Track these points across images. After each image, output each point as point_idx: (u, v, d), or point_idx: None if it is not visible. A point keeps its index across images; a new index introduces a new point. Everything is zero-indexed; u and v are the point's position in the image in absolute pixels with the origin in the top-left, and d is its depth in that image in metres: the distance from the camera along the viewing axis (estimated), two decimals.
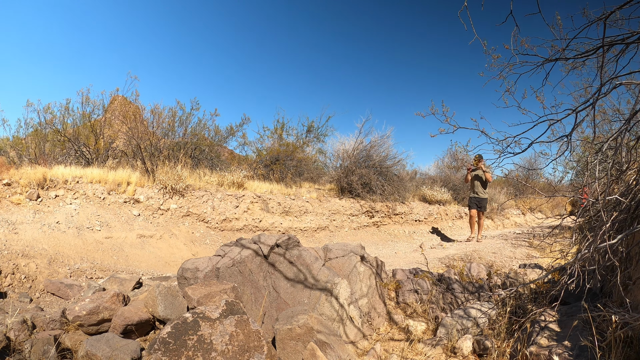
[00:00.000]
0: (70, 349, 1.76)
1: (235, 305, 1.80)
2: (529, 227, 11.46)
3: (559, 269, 2.71)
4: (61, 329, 1.91)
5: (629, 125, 2.06)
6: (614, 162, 2.26)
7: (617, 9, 2.05)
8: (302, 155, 10.58)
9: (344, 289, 2.70)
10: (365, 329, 2.74)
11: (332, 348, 1.94)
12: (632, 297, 2.02)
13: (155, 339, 1.55)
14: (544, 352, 2.07)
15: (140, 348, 1.65)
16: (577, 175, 8.55)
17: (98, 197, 5.87)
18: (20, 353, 1.61)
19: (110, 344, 1.62)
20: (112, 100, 9.33)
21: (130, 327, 1.89)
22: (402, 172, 10.83)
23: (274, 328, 2.03)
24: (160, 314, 2.00)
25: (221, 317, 1.69)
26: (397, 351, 2.50)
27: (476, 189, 7.85)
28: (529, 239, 8.19)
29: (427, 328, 2.88)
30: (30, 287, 3.62)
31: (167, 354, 1.49)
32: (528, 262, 5.79)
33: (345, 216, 8.65)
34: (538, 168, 11.93)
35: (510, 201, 12.78)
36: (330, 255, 2.98)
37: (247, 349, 1.59)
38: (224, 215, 6.86)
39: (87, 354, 1.57)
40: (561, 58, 2.39)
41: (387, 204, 9.39)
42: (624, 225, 2.18)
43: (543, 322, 2.37)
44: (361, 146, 9.63)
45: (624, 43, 2.12)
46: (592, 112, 2.30)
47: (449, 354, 2.43)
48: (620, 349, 1.82)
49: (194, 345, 1.55)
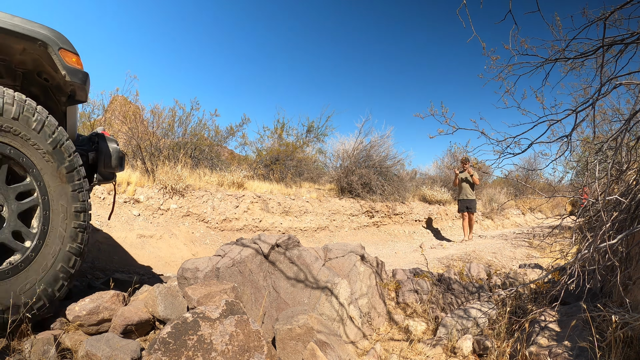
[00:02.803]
0: (70, 349, 1.76)
1: (235, 305, 1.80)
2: (529, 227, 11.47)
3: (559, 269, 2.71)
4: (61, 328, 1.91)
5: (629, 125, 2.06)
6: (614, 162, 2.26)
7: (617, 9, 2.05)
8: (302, 155, 10.59)
9: (344, 288, 2.70)
10: (366, 328, 2.74)
11: (332, 348, 1.94)
12: (632, 297, 2.02)
13: (155, 339, 1.55)
14: (543, 352, 2.07)
15: (140, 348, 1.65)
16: (577, 175, 8.57)
17: (98, 197, 5.87)
18: (20, 353, 1.62)
19: (110, 344, 1.62)
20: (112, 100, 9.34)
21: (130, 327, 1.89)
22: (402, 172, 10.83)
23: (274, 328, 2.04)
24: (161, 314, 2.00)
25: (221, 317, 1.69)
26: (397, 351, 2.50)
27: (464, 191, 8.09)
28: (529, 239, 8.19)
29: (427, 328, 2.89)
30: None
31: (167, 354, 1.50)
32: (528, 262, 5.79)
33: (345, 216, 8.65)
34: (538, 168, 11.94)
35: (510, 201, 12.79)
36: (330, 255, 2.98)
37: (247, 349, 1.60)
38: (224, 215, 6.86)
39: (87, 354, 1.57)
40: (561, 58, 2.39)
41: (387, 204, 9.39)
42: (624, 225, 2.18)
43: (543, 322, 2.37)
44: (361, 146, 9.63)
45: (624, 43, 2.12)
46: (592, 112, 2.30)
47: (449, 354, 2.43)
48: (620, 349, 1.82)
49: (194, 345, 1.55)
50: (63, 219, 1.97)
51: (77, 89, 2.22)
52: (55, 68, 2.11)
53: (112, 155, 2.48)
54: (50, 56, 2.05)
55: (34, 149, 1.88)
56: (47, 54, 2.05)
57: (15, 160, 1.81)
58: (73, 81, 2.12)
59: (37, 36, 1.96)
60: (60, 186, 1.97)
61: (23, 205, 1.85)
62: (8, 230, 1.78)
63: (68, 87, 2.27)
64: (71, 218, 2.00)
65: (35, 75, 2.33)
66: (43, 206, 1.89)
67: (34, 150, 1.87)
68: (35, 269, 1.82)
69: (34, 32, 1.95)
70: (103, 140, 2.47)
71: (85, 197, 2.08)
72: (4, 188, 1.80)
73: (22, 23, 1.93)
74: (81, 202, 2.06)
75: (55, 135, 1.96)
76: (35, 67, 2.26)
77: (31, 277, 1.79)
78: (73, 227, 2.00)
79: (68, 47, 2.10)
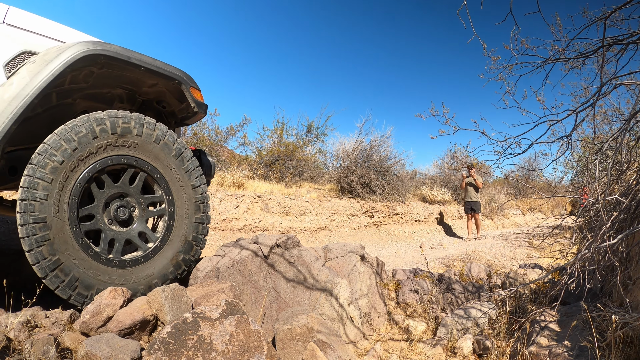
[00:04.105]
0: (70, 348, 1.76)
1: (235, 305, 1.80)
2: (529, 227, 11.47)
3: (559, 269, 2.71)
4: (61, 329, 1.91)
5: (629, 125, 2.06)
6: (614, 162, 2.26)
7: (617, 9, 2.05)
8: (302, 155, 10.58)
9: (344, 288, 2.70)
10: (366, 328, 2.74)
11: (332, 348, 1.94)
12: (632, 297, 2.02)
13: (155, 339, 1.55)
14: (544, 352, 2.07)
15: (140, 348, 1.65)
16: (577, 175, 8.61)
17: None
18: (20, 353, 1.62)
19: (110, 344, 1.62)
20: None
21: (131, 326, 1.89)
22: (402, 172, 10.82)
23: (274, 328, 2.03)
24: (167, 315, 1.99)
25: (221, 317, 1.69)
26: (397, 351, 2.50)
27: (470, 194, 8.86)
28: (529, 239, 8.20)
29: (427, 328, 2.89)
30: (31, 286, 3.62)
31: (167, 354, 1.50)
32: (528, 262, 5.79)
33: (345, 216, 8.65)
34: (538, 168, 11.94)
35: (510, 201, 12.79)
36: (330, 255, 2.98)
37: (247, 349, 1.60)
38: (224, 215, 6.86)
39: (87, 354, 1.57)
40: (561, 58, 2.39)
41: (387, 204, 9.39)
42: (624, 225, 2.18)
43: (543, 322, 2.37)
44: (361, 146, 9.62)
45: (624, 43, 2.12)
46: (592, 112, 2.30)
47: (449, 354, 2.43)
48: (620, 349, 1.82)
49: (194, 345, 1.55)
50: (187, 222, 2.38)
51: (199, 116, 2.72)
52: (181, 99, 2.60)
53: (212, 167, 2.89)
54: (181, 90, 2.51)
55: (166, 167, 2.29)
56: (178, 89, 2.50)
57: (150, 175, 2.24)
58: (199, 111, 2.62)
59: (174, 76, 2.41)
60: (186, 196, 2.37)
61: (152, 213, 2.29)
62: (135, 231, 2.20)
63: (182, 114, 2.75)
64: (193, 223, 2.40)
65: (154, 103, 2.77)
66: (169, 216, 2.31)
67: (166, 168, 2.29)
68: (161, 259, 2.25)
69: (173, 73, 2.40)
70: (204, 155, 2.87)
71: (206, 204, 2.48)
72: (138, 195, 2.22)
73: (163, 65, 2.37)
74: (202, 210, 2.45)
75: (183, 153, 2.36)
76: (156, 97, 2.69)
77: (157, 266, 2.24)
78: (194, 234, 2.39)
79: (195, 85, 2.56)
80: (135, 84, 2.51)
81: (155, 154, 2.23)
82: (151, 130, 2.21)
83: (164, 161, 2.27)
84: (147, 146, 2.20)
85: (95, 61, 2.11)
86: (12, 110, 1.87)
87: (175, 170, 2.31)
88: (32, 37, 2.14)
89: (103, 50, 2.10)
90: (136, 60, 2.24)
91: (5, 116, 1.87)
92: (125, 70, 2.29)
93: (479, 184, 8.76)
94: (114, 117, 2.10)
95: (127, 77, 2.41)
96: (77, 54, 2.00)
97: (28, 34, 2.13)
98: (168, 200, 2.29)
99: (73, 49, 2.02)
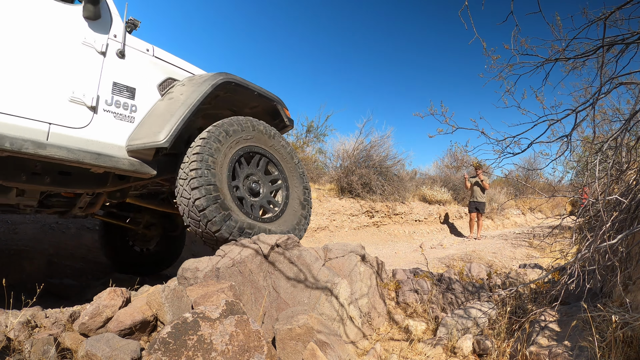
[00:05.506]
0: (70, 348, 1.76)
1: (235, 305, 1.80)
2: (529, 227, 11.47)
3: (559, 269, 2.71)
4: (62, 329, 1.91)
5: (629, 125, 2.06)
6: (614, 162, 2.26)
7: (617, 9, 2.05)
8: (302, 155, 10.58)
9: (344, 288, 2.70)
10: (366, 328, 2.74)
11: (332, 348, 1.94)
12: (632, 297, 2.02)
13: (155, 339, 1.55)
14: (544, 352, 2.07)
15: (140, 348, 1.65)
16: (577, 175, 8.59)
17: None
18: (20, 353, 1.62)
19: (110, 344, 1.62)
20: None
21: (130, 327, 1.89)
22: (402, 172, 10.82)
23: (274, 328, 2.03)
24: (167, 316, 1.99)
25: (221, 317, 1.69)
26: (397, 351, 2.50)
27: (475, 194, 8.85)
28: (529, 239, 8.21)
29: (427, 328, 2.89)
30: (31, 286, 3.61)
31: (167, 354, 1.49)
32: (528, 262, 5.79)
33: (345, 216, 8.65)
34: (538, 168, 11.93)
35: (510, 201, 12.80)
36: (330, 255, 2.98)
37: (247, 349, 1.60)
38: None
39: (87, 354, 1.57)
40: (561, 58, 2.39)
41: (387, 204, 9.39)
42: (624, 225, 2.18)
43: (543, 322, 2.37)
44: (361, 146, 9.62)
45: (624, 43, 2.11)
46: (592, 112, 2.30)
47: (449, 354, 2.43)
48: (620, 349, 1.82)
49: (194, 345, 1.55)
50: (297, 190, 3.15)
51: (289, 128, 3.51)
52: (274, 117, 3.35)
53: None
54: (276, 110, 3.26)
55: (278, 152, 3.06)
56: (275, 109, 3.26)
57: (270, 160, 2.99)
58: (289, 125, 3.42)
59: (274, 100, 3.17)
60: (294, 175, 3.15)
61: (273, 187, 3.04)
62: (265, 200, 2.95)
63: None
64: (301, 195, 3.16)
65: None
66: (285, 188, 3.07)
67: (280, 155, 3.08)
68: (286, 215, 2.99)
69: (274, 97, 3.16)
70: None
71: (306, 181, 3.27)
72: (263, 177, 2.97)
73: (266, 91, 3.08)
74: (305, 184, 3.24)
75: (289, 148, 3.16)
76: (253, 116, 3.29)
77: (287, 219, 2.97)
78: (301, 201, 3.15)
79: (285, 106, 3.34)
80: (240, 105, 3.18)
81: (271, 145, 2.99)
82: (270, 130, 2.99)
83: (278, 150, 3.05)
84: (268, 141, 2.95)
85: (226, 87, 2.76)
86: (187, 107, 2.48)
87: (282, 153, 3.07)
88: (172, 68, 2.77)
89: (234, 79, 2.76)
90: (253, 87, 2.93)
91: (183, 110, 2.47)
92: (243, 94, 2.96)
93: (486, 185, 8.80)
94: (252, 120, 2.85)
95: (239, 100, 3.07)
96: (219, 80, 2.66)
97: (169, 65, 2.76)
98: (282, 177, 3.04)
99: (216, 76, 2.67)
